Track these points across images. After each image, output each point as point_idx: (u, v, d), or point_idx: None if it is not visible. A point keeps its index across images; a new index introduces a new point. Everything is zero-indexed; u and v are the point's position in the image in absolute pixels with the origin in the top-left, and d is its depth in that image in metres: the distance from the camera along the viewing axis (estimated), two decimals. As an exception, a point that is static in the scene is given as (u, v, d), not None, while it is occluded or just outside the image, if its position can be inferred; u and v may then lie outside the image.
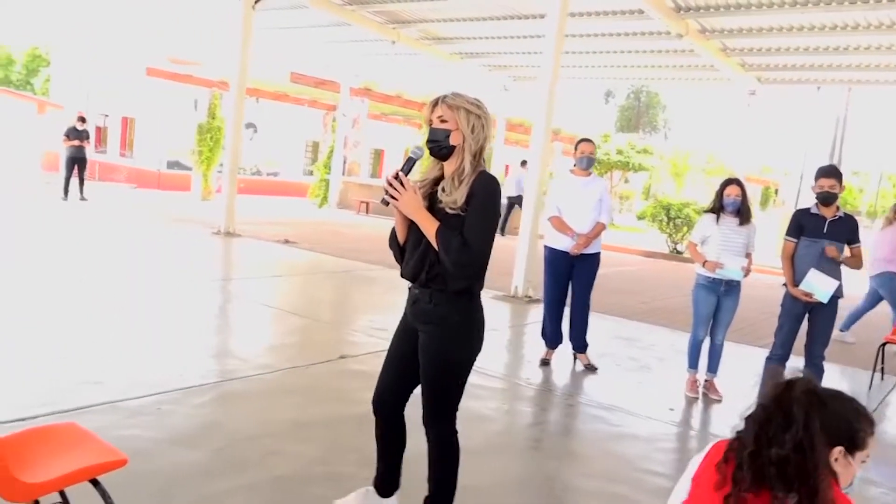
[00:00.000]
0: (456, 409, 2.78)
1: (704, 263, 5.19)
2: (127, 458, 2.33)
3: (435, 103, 2.60)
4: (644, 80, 19.79)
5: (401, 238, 2.70)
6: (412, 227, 2.63)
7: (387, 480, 2.96)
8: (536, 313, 8.10)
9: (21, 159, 20.92)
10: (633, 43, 13.21)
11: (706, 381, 5.50)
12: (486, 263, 2.60)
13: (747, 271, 5.18)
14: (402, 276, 2.73)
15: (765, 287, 8.84)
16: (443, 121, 2.56)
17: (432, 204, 2.60)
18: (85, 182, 15.25)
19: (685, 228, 16.25)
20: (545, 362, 5.84)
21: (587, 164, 5.60)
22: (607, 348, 6.48)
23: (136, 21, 20.66)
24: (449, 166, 2.61)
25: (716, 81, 15.54)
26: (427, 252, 2.57)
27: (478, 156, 2.59)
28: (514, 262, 9.06)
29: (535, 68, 16.68)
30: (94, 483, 2.29)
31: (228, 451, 3.54)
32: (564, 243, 5.56)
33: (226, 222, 11.92)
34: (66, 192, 14.90)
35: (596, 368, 5.80)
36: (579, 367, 5.88)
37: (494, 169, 19.20)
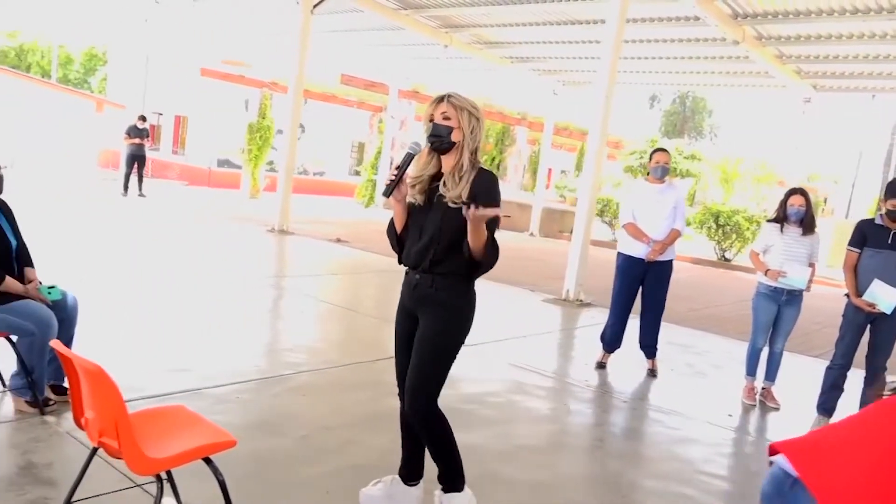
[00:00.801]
0: (441, 387, 2.86)
1: (767, 272, 5.22)
2: (236, 440, 2.51)
3: (440, 100, 2.76)
4: (694, 86, 19.62)
5: (399, 228, 2.88)
6: (412, 218, 2.84)
7: (410, 467, 3.05)
8: (588, 317, 8.19)
9: (79, 156, 21.60)
10: (685, 49, 13.15)
11: (763, 388, 5.51)
12: None
13: (810, 282, 5.19)
14: (404, 263, 2.89)
15: (816, 297, 8.72)
16: (446, 118, 2.72)
17: (430, 198, 2.77)
18: (144, 179, 15.73)
19: (734, 236, 16.09)
20: (601, 365, 5.93)
21: (661, 173, 5.65)
22: (661, 353, 6.49)
23: (191, 22, 21.20)
24: (447, 162, 2.78)
25: (770, 88, 15.35)
26: (431, 241, 2.74)
27: (474, 154, 2.76)
28: (566, 265, 9.14)
29: (584, 73, 16.76)
30: (207, 461, 2.46)
31: (311, 439, 3.72)
32: (639, 250, 5.62)
33: (280, 220, 12.21)
34: (125, 188, 15.41)
35: (657, 375, 5.86)
36: (634, 370, 5.94)
37: (540, 173, 19.25)
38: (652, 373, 5.88)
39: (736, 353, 7.09)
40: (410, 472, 3.05)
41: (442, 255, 2.73)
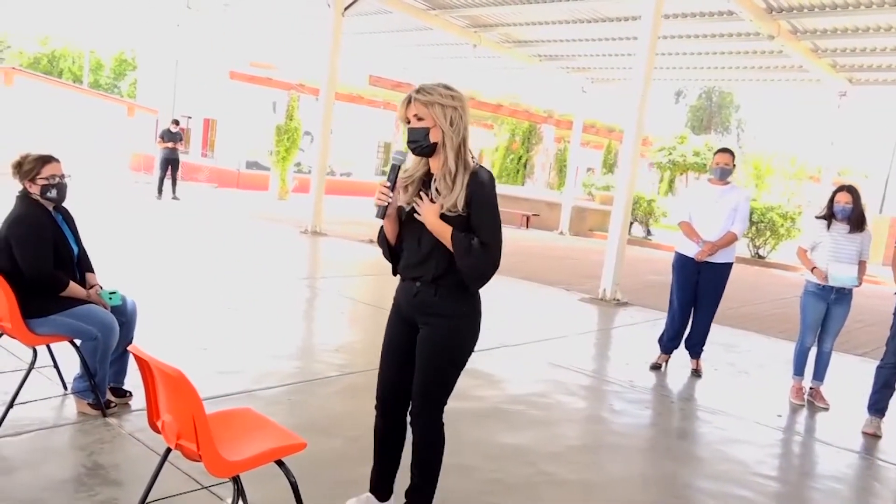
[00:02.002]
0: (448, 398, 2.72)
1: (813, 270, 5.16)
2: (306, 443, 2.54)
3: (408, 101, 2.50)
4: (724, 81, 19.37)
5: (392, 240, 2.69)
6: (406, 226, 2.63)
7: (386, 483, 2.89)
8: (626, 316, 8.15)
9: (111, 160, 21.94)
10: (716, 44, 13.01)
11: (811, 388, 5.45)
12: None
13: (860, 280, 5.12)
14: (402, 275, 2.70)
15: (856, 294, 8.60)
16: (419, 119, 2.48)
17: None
18: (178, 182, 15.95)
19: (768, 233, 15.89)
20: (656, 366, 5.90)
21: (720, 174, 5.59)
22: (704, 353, 6.46)
23: (221, 26, 21.43)
24: (435, 162, 2.56)
25: (804, 83, 15.14)
26: (431, 251, 2.55)
27: (461, 147, 2.52)
28: (600, 264, 9.11)
29: (614, 70, 16.66)
30: (279, 464, 2.50)
31: (362, 440, 3.74)
32: (692, 249, 5.59)
33: (313, 222, 12.30)
34: (159, 191, 15.63)
35: (701, 375, 5.82)
36: (679, 370, 5.91)
37: (570, 171, 19.17)
38: (696, 373, 5.85)
39: (778, 352, 7.03)
40: (386, 489, 2.90)
41: (445, 266, 2.54)
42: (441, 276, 2.56)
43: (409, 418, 2.78)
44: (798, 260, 5.45)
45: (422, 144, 2.51)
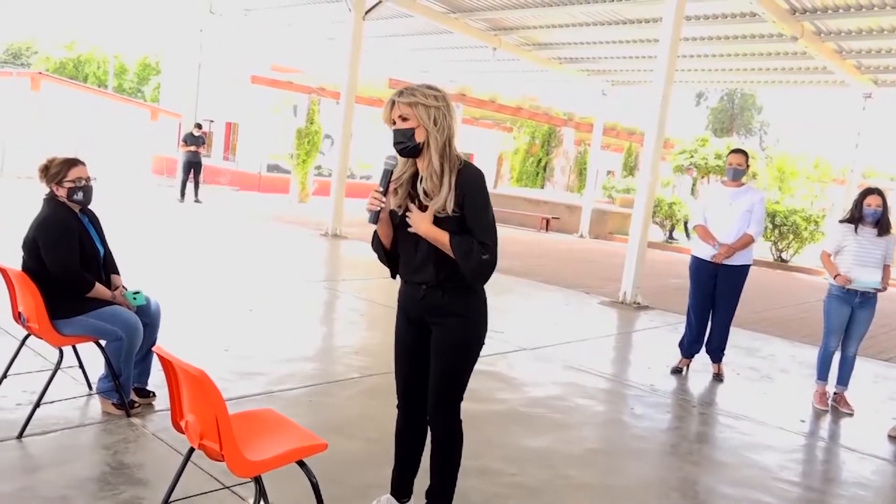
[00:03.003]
0: (463, 395, 2.74)
1: (836, 277, 5.09)
2: (327, 444, 2.56)
3: (391, 104, 2.51)
4: (746, 83, 19.20)
5: (387, 244, 2.69)
6: (401, 229, 2.61)
7: (406, 483, 2.90)
8: (646, 320, 8.10)
9: (134, 163, 22.22)
10: (738, 45, 12.91)
11: (835, 393, 5.38)
12: None
13: (885, 284, 5.05)
14: (403, 278, 2.71)
15: (879, 297, 8.51)
16: (404, 119, 2.48)
17: (417, 205, 2.55)
18: (200, 185, 16.10)
19: (791, 236, 15.71)
20: (677, 370, 5.86)
21: (733, 175, 5.55)
22: (726, 357, 6.40)
23: (243, 31, 21.65)
24: (422, 163, 2.55)
25: (828, 84, 14.97)
26: (429, 256, 2.56)
27: (447, 146, 2.51)
28: (621, 267, 9.07)
29: (635, 72, 16.58)
30: (301, 464, 2.51)
31: (382, 443, 3.75)
32: (708, 252, 5.56)
33: (333, 224, 12.36)
34: (182, 194, 15.80)
35: (723, 379, 5.77)
36: (700, 374, 5.86)
37: (590, 174, 19.09)
38: (718, 377, 5.80)
39: (801, 356, 6.95)
40: (406, 489, 2.91)
41: (447, 268, 2.54)
42: (445, 278, 2.56)
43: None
44: (822, 264, 5.38)
45: (407, 145, 2.50)
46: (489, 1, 12.74)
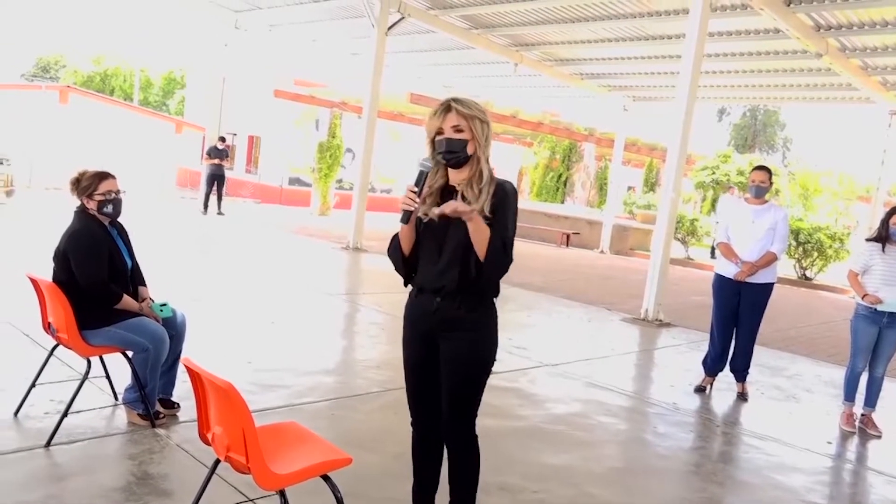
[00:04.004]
0: (477, 412, 2.72)
1: (864, 297, 5.02)
2: (351, 458, 2.57)
3: (447, 110, 2.50)
4: (769, 100, 19.08)
5: (407, 249, 2.64)
6: (424, 235, 2.60)
7: (426, 498, 2.90)
8: (668, 337, 8.03)
9: (159, 176, 22.49)
10: (760, 62, 12.85)
11: (863, 415, 5.29)
12: None
13: (915, 303, 4.97)
14: (420, 285, 2.66)
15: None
16: (458, 130, 2.48)
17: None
18: (223, 198, 16.27)
19: (815, 254, 15.52)
20: (701, 389, 5.80)
21: (756, 192, 5.53)
22: (750, 376, 6.33)
23: (267, 45, 21.94)
24: (460, 174, 2.55)
25: (853, 101, 14.84)
26: (454, 260, 2.54)
27: (487, 161, 2.57)
28: (642, 284, 9.01)
29: (657, 88, 16.54)
30: (325, 478, 2.52)
31: (404, 457, 3.74)
32: (731, 270, 5.52)
33: (354, 237, 12.42)
34: (205, 206, 15.96)
35: (747, 399, 5.71)
36: (723, 393, 5.79)
37: (611, 189, 19.04)
38: (742, 396, 5.73)
39: (827, 376, 6.85)
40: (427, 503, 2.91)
41: (466, 275, 2.54)
42: (464, 286, 2.55)
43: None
44: (849, 283, 5.31)
45: (459, 156, 2.51)
46: (511, 17, 12.81)
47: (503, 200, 2.53)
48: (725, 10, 10.24)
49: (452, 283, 2.55)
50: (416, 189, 2.45)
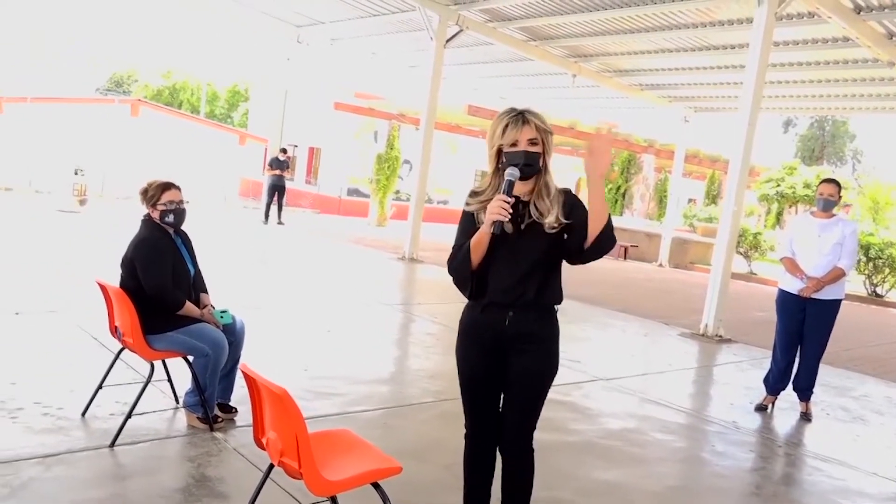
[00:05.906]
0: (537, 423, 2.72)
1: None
2: (402, 467, 2.58)
3: (522, 122, 2.49)
4: (839, 110, 18.45)
5: (477, 261, 2.56)
6: (499, 249, 2.54)
7: None
8: (728, 353, 7.82)
9: (222, 185, 23.13)
10: (827, 71, 12.44)
11: (937, 439, 5.04)
12: None
13: None
14: (491, 298, 2.60)
15: None
16: (534, 143, 2.50)
17: (516, 224, 2.53)
18: (283, 208, 16.63)
19: (886, 270, 14.90)
20: (762, 408, 5.63)
21: (823, 205, 5.35)
22: (815, 396, 6.11)
23: (328, 59, 22.38)
24: (525, 186, 2.56)
25: (927, 111, 14.25)
26: (531, 271, 2.55)
27: (551, 172, 2.62)
28: (701, 298, 8.81)
29: (719, 99, 16.21)
30: (376, 486, 2.55)
31: (455, 468, 3.75)
32: (795, 286, 5.36)
33: (410, 248, 12.52)
34: (266, 216, 16.35)
35: (811, 419, 5.51)
36: (786, 413, 5.60)
37: (671, 202, 18.70)
38: (805, 416, 5.53)
39: (899, 398, 6.55)
40: None
41: (547, 285, 2.58)
42: (539, 296, 2.57)
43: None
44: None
45: (535, 168, 2.53)
46: (569, 28, 12.75)
47: (574, 203, 2.59)
48: (791, 19, 9.99)
49: (530, 291, 2.55)
50: (509, 199, 2.42)
